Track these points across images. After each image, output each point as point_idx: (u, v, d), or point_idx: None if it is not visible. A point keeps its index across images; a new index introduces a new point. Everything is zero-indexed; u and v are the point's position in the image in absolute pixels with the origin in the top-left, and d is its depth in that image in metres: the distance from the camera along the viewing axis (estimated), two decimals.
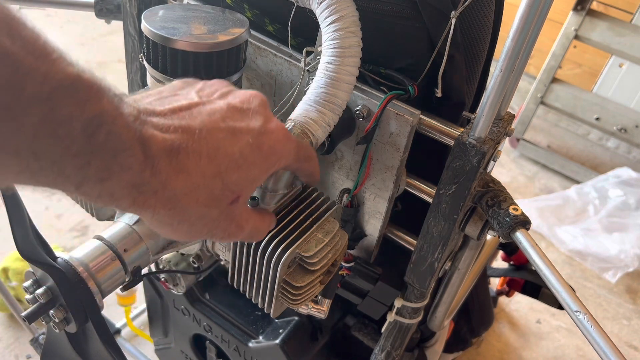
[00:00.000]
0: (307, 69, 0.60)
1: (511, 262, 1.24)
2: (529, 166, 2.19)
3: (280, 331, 0.83)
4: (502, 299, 1.57)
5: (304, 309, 0.66)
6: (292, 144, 0.42)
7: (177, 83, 0.40)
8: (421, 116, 0.58)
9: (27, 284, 0.50)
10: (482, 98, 0.51)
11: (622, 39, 1.90)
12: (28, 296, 0.49)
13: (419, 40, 0.58)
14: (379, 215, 0.67)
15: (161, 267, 0.74)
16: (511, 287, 1.27)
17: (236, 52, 0.54)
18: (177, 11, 0.55)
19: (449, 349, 1.14)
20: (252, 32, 0.65)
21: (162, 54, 0.52)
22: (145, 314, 1.13)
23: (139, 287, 1.25)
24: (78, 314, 0.49)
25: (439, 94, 0.58)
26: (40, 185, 0.29)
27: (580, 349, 1.52)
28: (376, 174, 0.63)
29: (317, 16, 0.54)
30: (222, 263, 0.66)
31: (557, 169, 2.16)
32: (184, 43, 0.50)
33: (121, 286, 0.56)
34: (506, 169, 2.16)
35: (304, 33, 0.62)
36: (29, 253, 0.48)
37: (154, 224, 0.37)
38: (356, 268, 0.71)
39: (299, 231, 0.53)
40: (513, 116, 0.59)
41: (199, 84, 0.40)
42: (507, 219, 0.56)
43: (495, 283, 1.38)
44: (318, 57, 0.57)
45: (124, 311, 1.29)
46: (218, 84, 0.41)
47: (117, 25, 0.81)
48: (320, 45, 0.55)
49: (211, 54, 0.51)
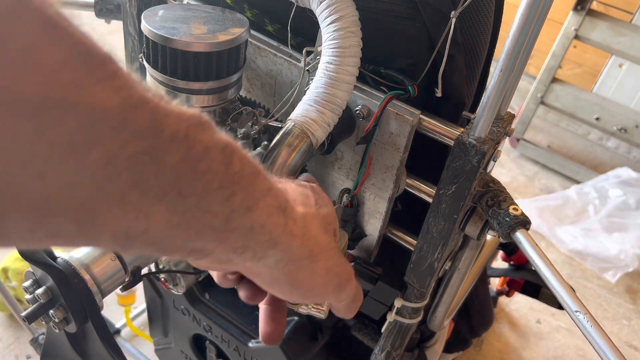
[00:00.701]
0: (307, 69, 0.60)
1: (511, 262, 1.23)
2: (529, 166, 2.19)
3: None
4: (502, 299, 1.57)
5: (303, 309, 0.66)
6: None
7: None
8: (421, 116, 0.58)
9: (27, 284, 0.50)
10: (482, 98, 0.51)
11: (622, 39, 1.90)
12: (28, 296, 0.49)
13: (419, 40, 0.58)
14: (378, 215, 0.67)
15: (161, 267, 0.74)
16: (511, 287, 1.27)
17: (236, 52, 0.54)
18: (177, 11, 0.55)
19: (449, 349, 1.14)
20: (252, 32, 0.65)
21: (162, 54, 0.52)
22: (145, 314, 1.13)
23: (139, 287, 1.25)
24: (78, 314, 0.49)
25: (439, 94, 0.58)
26: (190, 231, 0.28)
27: (580, 349, 1.51)
28: (376, 174, 0.63)
29: (317, 16, 0.54)
30: None
31: (557, 169, 2.16)
32: (184, 43, 0.50)
33: (121, 286, 0.56)
34: (506, 169, 2.16)
35: (304, 33, 0.62)
36: (29, 253, 0.48)
37: (290, 267, 0.36)
38: (356, 268, 0.71)
39: None
40: (513, 116, 0.59)
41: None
42: (507, 219, 0.56)
43: (495, 283, 1.38)
44: (318, 57, 0.57)
45: (124, 311, 1.29)
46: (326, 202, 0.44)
47: (117, 25, 0.81)
48: (320, 45, 0.55)
49: (211, 54, 0.51)
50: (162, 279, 0.76)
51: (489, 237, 0.79)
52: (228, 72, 0.55)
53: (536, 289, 1.20)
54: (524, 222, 0.56)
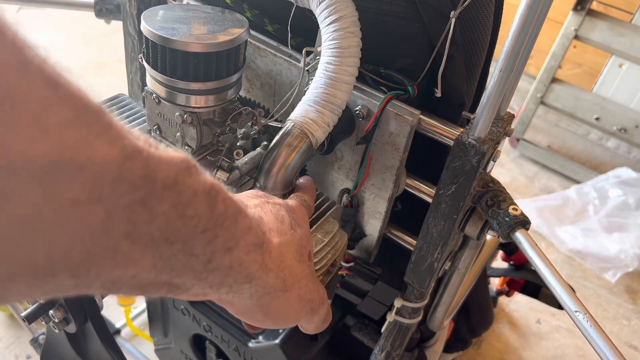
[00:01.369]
0: (306, 69, 0.60)
1: (511, 262, 1.23)
2: (528, 166, 2.19)
3: (280, 331, 0.83)
4: (502, 299, 1.57)
5: None
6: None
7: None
8: (421, 116, 0.58)
9: None
10: (482, 98, 0.51)
11: (622, 39, 1.90)
12: None
13: (419, 40, 0.58)
14: (378, 215, 0.67)
15: None
16: (511, 287, 1.27)
17: (236, 53, 0.54)
18: (176, 11, 0.55)
19: (448, 349, 1.14)
20: (252, 32, 0.65)
21: (161, 54, 0.52)
22: (145, 314, 1.13)
23: None
24: (77, 314, 0.49)
25: (438, 94, 0.58)
26: (172, 273, 0.29)
27: (580, 349, 1.51)
28: (376, 174, 0.63)
29: (316, 16, 0.54)
30: None
31: (557, 169, 2.16)
32: (184, 43, 0.50)
33: None
34: (506, 169, 2.15)
35: (304, 33, 0.62)
36: None
37: (264, 299, 0.37)
38: (356, 268, 0.71)
39: None
40: (513, 116, 0.59)
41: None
42: (507, 219, 0.56)
43: (495, 283, 1.38)
44: (318, 57, 0.57)
45: (124, 311, 1.29)
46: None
47: (117, 25, 0.81)
48: (320, 46, 0.55)
49: (211, 54, 0.51)
50: None
51: (488, 237, 0.79)
52: (228, 73, 0.55)
53: (536, 289, 1.20)
54: (523, 222, 0.56)
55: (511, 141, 2.21)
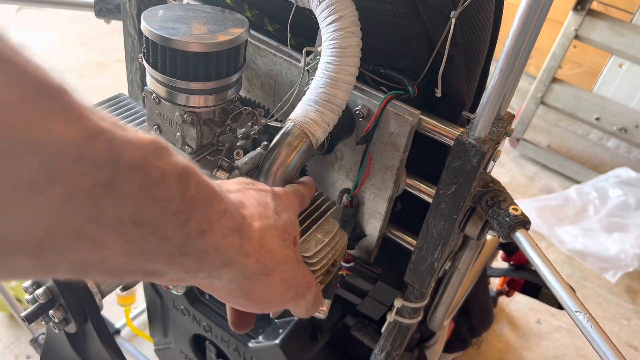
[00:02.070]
0: (306, 69, 0.60)
1: (511, 262, 1.23)
2: (529, 166, 2.19)
3: (280, 331, 0.83)
4: (502, 299, 1.57)
5: None
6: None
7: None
8: (421, 116, 0.58)
9: (27, 284, 0.50)
10: (482, 98, 0.51)
11: (622, 39, 1.90)
12: (28, 296, 0.49)
13: (419, 40, 0.58)
14: (378, 215, 0.67)
15: None
16: (511, 287, 1.27)
17: (236, 52, 0.54)
18: (176, 11, 0.55)
19: (448, 349, 1.14)
20: (252, 32, 0.65)
21: (161, 54, 0.52)
22: (145, 314, 1.13)
23: (139, 287, 1.25)
24: (77, 314, 0.49)
25: (438, 94, 0.58)
26: (145, 257, 0.28)
27: (580, 349, 1.51)
28: (376, 174, 0.63)
29: (316, 16, 0.54)
30: None
31: (557, 169, 2.16)
32: (184, 43, 0.50)
33: (121, 286, 0.56)
34: (506, 169, 2.15)
35: (304, 33, 0.62)
36: None
37: (246, 284, 0.37)
38: (356, 268, 0.71)
39: None
40: (513, 116, 0.59)
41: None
42: (507, 219, 0.56)
43: (495, 283, 1.38)
44: (318, 57, 0.57)
45: (124, 311, 1.29)
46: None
47: (117, 25, 0.81)
48: (320, 45, 0.55)
49: (211, 54, 0.51)
50: None
51: (488, 237, 0.79)
52: (228, 72, 0.55)
53: (536, 289, 1.20)
54: (523, 222, 0.56)
55: (511, 141, 2.21)
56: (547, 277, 0.52)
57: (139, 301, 1.37)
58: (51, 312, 0.49)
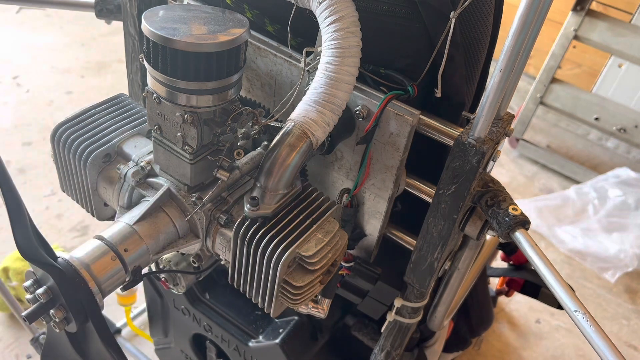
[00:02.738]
0: (307, 69, 0.60)
1: (511, 262, 1.23)
2: (528, 166, 2.19)
3: (280, 331, 0.83)
4: (502, 299, 1.57)
5: (303, 309, 0.66)
6: None
7: None
8: (421, 116, 0.58)
9: (28, 283, 0.50)
10: (482, 98, 0.51)
11: (621, 39, 1.90)
12: (28, 296, 0.49)
13: (419, 40, 0.58)
14: (378, 215, 0.67)
15: (161, 266, 0.74)
16: (511, 287, 1.27)
17: (236, 53, 0.54)
18: (177, 11, 0.55)
19: (448, 348, 1.14)
20: (252, 32, 0.65)
21: (162, 54, 0.52)
22: (146, 314, 1.13)
23: (139, 287, 1.25)
24: (78, 314, 0.49)
25: (438, 94, 0.58)
26: None
27: (579, 348, 1.52)
28: (376, 174, 0.63)
29: (316, 16, 0.55)
30: (222, 263, 0.66)
31: (556, 169, 2.16)
32: (184, 43, 0.50)
33: (121, 286, 0.56)
34: (506, 169, 2.16)
35: (304, 33, 0.62)
36: (30, 253, 0.48)
37: None
38: (356, 268, 0.71)
39: (298, 231, 0.53)
40: (512, 116, 0.60)
41: None
42: (507, 218, 0.57)
43: (495, 283, 1.38)
44: (318, 58, 0.58)
45: (124, 311, 1.29)
46: None
47: (118, 25, 0.81)
48: (320, 46, 0.55)
49: (211, 54, 0.51)
50: (163, 278, 0.76)
51: (488, 237, 0.79)
52: (228, 73, 0.55)
53: (536, 288, 1.20)
54: (523, 222, 0.56)
55: (511, 141, 2.21)
56: (547, 277, 0.52)
57: (140, 301, 1.37)
58: (52, 311, 0.49)
